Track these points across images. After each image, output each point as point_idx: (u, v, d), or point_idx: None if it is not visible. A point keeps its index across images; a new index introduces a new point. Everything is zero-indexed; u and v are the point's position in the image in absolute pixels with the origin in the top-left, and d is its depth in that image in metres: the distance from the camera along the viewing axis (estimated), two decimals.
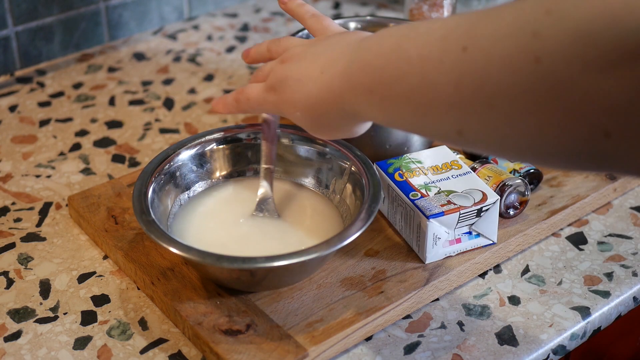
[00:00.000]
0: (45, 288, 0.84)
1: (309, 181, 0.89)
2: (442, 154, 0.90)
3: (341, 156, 0.87)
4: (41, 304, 0.82)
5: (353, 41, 0.67)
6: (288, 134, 0.89)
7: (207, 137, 0.89)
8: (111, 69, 1.21)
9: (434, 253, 0.83)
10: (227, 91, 1.16)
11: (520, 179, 0.88)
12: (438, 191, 0.84)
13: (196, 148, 0.88)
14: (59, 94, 1.15)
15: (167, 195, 0.85)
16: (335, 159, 0.88)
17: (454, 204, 0.82)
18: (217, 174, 0.89)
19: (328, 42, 0.70)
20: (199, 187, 0.88)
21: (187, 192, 0.87)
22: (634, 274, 0.86)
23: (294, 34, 1.04)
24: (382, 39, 0.63)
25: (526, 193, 0.88)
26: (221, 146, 0.89)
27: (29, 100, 1.14)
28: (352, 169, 0.85)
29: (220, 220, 0.85)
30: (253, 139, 0.90)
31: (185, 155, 0.87)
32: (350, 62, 0.65)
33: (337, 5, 1.38)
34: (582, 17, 0.47)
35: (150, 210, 0.78)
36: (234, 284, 0.79)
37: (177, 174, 0.86)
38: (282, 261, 0.73)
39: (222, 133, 0.89)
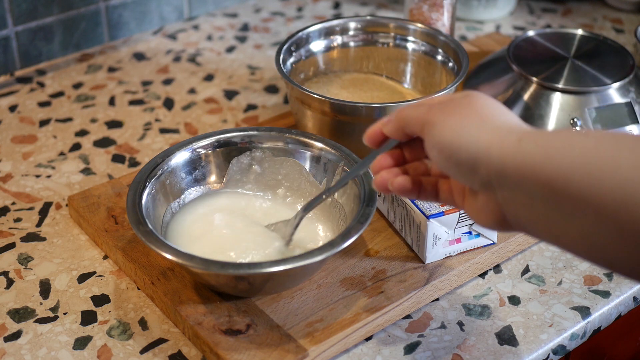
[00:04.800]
0: (45, 288, 0.84)
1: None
2: None
3: (331, 156, 0.87)
4: (41, 304, 0.82)
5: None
6: (280, 136, 0.89)
7: (200, 142, 0.88)
8: (111, 69, 1.21)
9: (434, 253, 0.83)
10: (227, 91, 1.16)
11: None
12: None
13: (189, 153, 0.87)
14: (59, 94, 1.15)
15: (160, 203, 0.84)
16: (325, 158, 0.87)
17: None
18: (211, 179, 0.89)
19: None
20: (191, 193, 0.88)
21: (178, 199, 0.86)
22: None
23: (293, 34, 1.04)
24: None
25: None
26: (214, 150, 0.89)
27: (29, 100, 1.14)
28: (344, 168, 0.85)
29: (215, 225, 0.85)
30: (248, 142, 0.89)
31: (177, 161, 0.87)
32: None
33: (337, 5, 1.38)
34: None
35: (147, 220, 0.78)
36: (234, 290, 0.79)
37: (168, 181, 0.86)
38: (283, 266, 0.73)
39: (214, 137, 0.89)
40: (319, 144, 0.88)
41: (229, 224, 0.85)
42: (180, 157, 0.87)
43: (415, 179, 0.69)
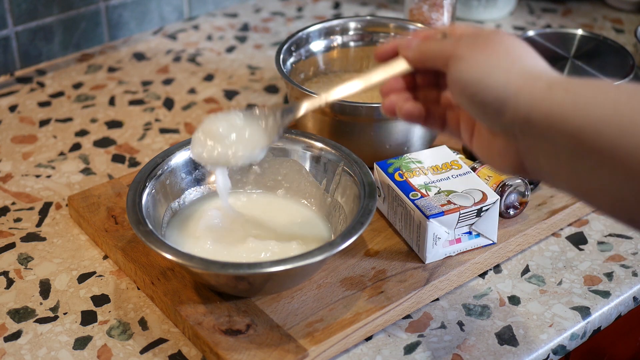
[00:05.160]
0: (45, 288, 0.84)
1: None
2: (442, 153, 0.90)
3: (331, 156, 0.87)
4: (41, 304, 0.82)
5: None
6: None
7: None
8: (111, 69, 1.21)
9: (434, 253, 0.83)
10: (227, 91, 1.16)
11: (521, 179, 0.88)
12: (438, 191, 0.84)
13: (189, 153, 0.87)
14: (59, 94, 1.15)
15: (160, 203, 0.84)
16: (325, 158, 0.87)
17: (454, 204, 0.82)
18: (211, 179, 0.89)
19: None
20: (191, 193, 0.88)
21: (178, 199, 0.86)
22: (634, 274, 0.86)
23: (293, 34, 1.04)
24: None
25: (526, 193, 0.88)
26: None
27: (29, 100, 1.14)
28: (344, 168, 0.85)
29: (214, 224, 0.85)
30: None
31: (177, 161, 0.86)
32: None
33: (337, 5, 1.38)
34: None
35: (147, 220, 0.78)
36: (234, 290, 0.79)
37: (168, 181, 0.86)
38: (283, 266, 0.73)
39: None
40: (319, 144, 0.88)
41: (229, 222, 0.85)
42: (180, 157, 0.87)
43: (424, 106, 0.66)
